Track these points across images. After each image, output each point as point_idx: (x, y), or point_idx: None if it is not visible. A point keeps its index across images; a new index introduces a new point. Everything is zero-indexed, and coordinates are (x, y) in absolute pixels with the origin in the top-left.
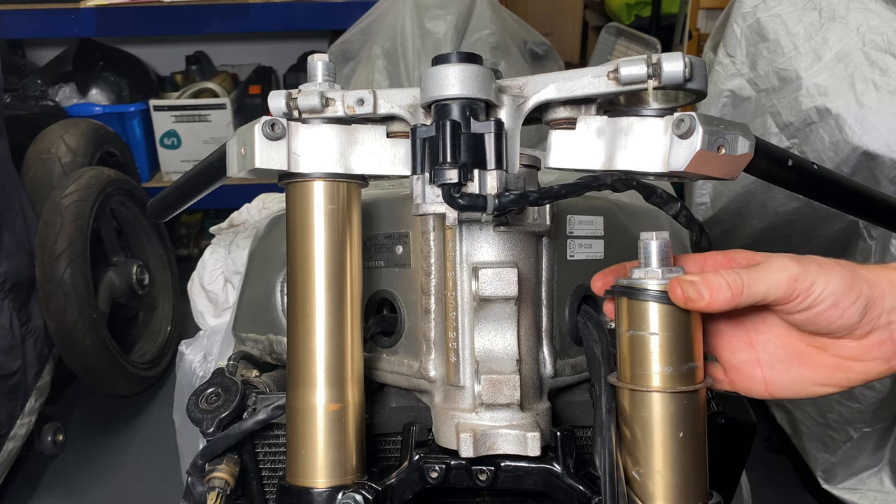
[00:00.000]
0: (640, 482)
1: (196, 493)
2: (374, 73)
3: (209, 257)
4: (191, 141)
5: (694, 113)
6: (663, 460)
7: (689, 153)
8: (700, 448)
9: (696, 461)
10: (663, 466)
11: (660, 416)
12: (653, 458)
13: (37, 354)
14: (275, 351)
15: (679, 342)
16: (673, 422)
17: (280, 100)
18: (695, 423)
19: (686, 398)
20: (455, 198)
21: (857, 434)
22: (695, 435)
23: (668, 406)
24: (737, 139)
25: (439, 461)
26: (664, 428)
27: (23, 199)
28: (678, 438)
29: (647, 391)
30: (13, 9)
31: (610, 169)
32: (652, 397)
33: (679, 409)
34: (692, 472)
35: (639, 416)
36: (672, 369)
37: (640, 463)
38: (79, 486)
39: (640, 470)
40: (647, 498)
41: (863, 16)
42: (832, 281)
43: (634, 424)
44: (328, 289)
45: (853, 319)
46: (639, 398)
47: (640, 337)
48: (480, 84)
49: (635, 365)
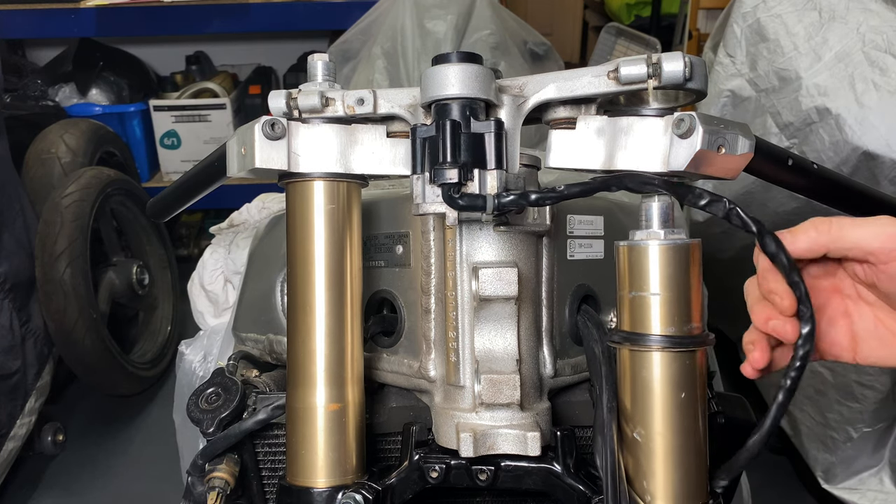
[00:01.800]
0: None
1: (196, 493)
2: (374, 73)
3: (209, 257)
4: (191, 141)
5: (694, 113)
6: (664, 421)
7: (689, 153)
8: (700, 410)
9: (697, 423)
10: (664, 427)
11: (661, 377)
12: (654, 418)
13: (37, 354)
14: (275, 351)
15: (679, 302)
16: (674, 382)
17: (280, 100)
18: (696, 383)
19: (687, 358)
20: (455, 198)
21: (857, 434)
22: (696, 396)
23: (669, 366)
24: (737, 139)
25: (439, 461)
26: (666, 388)
27: (23, 199)
28: (680, 399)
29: (648, 350)
30: (13, 9)
31: (610, 169)
32: (653, 357)
33: (680, 369)
34: (693, 435)
35: (640, 376)
36: (674, 329)
37: (641, 424)
38: (79, 486)
39: (642, 431)
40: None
41: (863, 16)
42: None
43: (635, 386)
44: (328, 289)
45: None
46: (639, 359)
47: (640, 297)
48: (480, 84)
49: (636, 326)
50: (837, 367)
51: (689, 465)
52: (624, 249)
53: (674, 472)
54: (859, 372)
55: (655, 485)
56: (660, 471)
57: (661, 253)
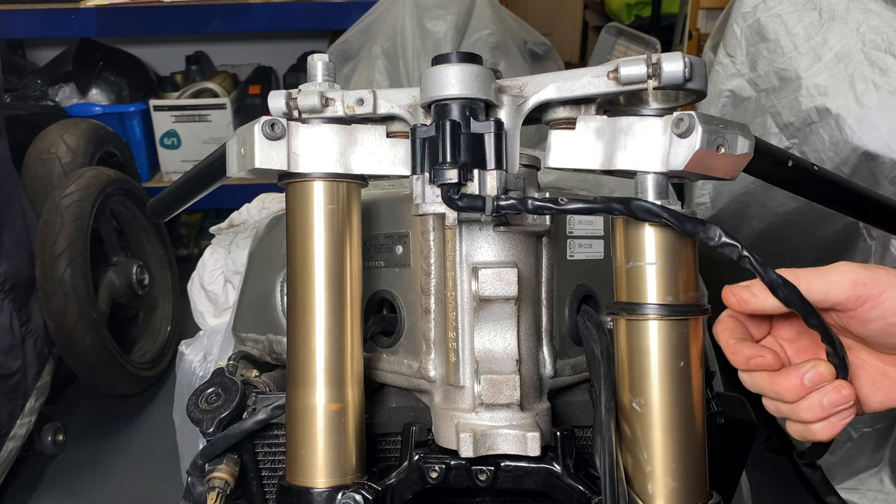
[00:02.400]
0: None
1: (196, 493)
2: (374, 73)
3: (209, 257)
4: (191, 141)
5: (693, 112)
6: (664, 389)
7: (688, 152)
8: (699, 380)
9: (696, 392)
10: (664, 396)
11: (660, 345)
12: (653, 387)
13: (37, 354)
14: (275, 351)
15: (676, 272)
16: (673, 350)
17: (280, 100)
18: (695, 352)
19: (685, 326)
20: (454, 198)
21: (857, 434)
22: (694, 365)
23: (668, 334)
24: (736, 139)
25: (439, 461)
26: (665, 356)
27: (23, 199)
28: (679, 367)
29: (646, 319)
30: (13, 9)
31: (609, 169)
32: (652, 326)
33: (679, 338)
34: (692, 403)
35: (638, 346)
36: (671, 298)
37: (640, 394)
38: (79, 486)
39: (641, 401)
40: (648, 465)
41: (863, 16)
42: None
43: (633, 356)
44: (328, 289)
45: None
46: (637, 328)
47: (637, 268)
48: (480, 84)
49: (633, 296)
50: None
51: (688, 433)
52: (620, 221)
53: (673, 441)
54: None
55: (653, 456)
56: (659, 440)
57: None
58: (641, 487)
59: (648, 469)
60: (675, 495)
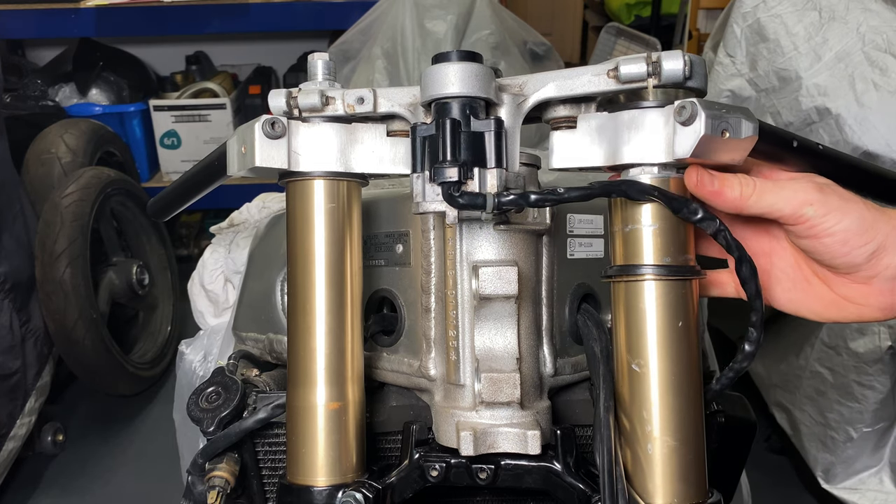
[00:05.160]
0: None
1: (196, 492)
2: (374, 73)
3: (209, 257)
4: (191, 141)
5: (695, 99)
6: (663, 349)
7: (693, 139)
8: (696, 342)
9: (694, 352)
10: (663, 355)
11: (658, 305)
12: (652, 347)
13: (37, 354)
14: (275, 350)
15: (673, 233)
16: (671, 310)
17: (280, 98)
18: (692, 313)
19: (683, 287)
20: (454, 196)
21: (857, 434)
22: (691, 326)
23: (666, 295)
24: (740, 122)
25: (439, 459)
26: (663, 316)
27: (23, 199)
28: (677, 327)
29: (644, 280)
30: (13, 9)
31: (615, 165)
32: (649, 287)
33: (677, 299)
34: (690, 363)
35: (636, 308)
36: (669, 259)
37: (639, 354)
38: (79, 486)
39: (640, 361)
40: (648, 425)
41: (863, 16)
42: (847, 217)
43: (631, 317)
44: (328, 287)
45: (858, 261)
46: (635, 290)
47: (635, 230)
48: (480, 82)
49: (630, 259)
50: (837, 367)
51: (687, 391)
52: (618, 201)
53: (672, 398)
54: (859, 372)
55: (652, 415)
56: (658, 398)
57: (654, 185)
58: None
59: (648, 429)
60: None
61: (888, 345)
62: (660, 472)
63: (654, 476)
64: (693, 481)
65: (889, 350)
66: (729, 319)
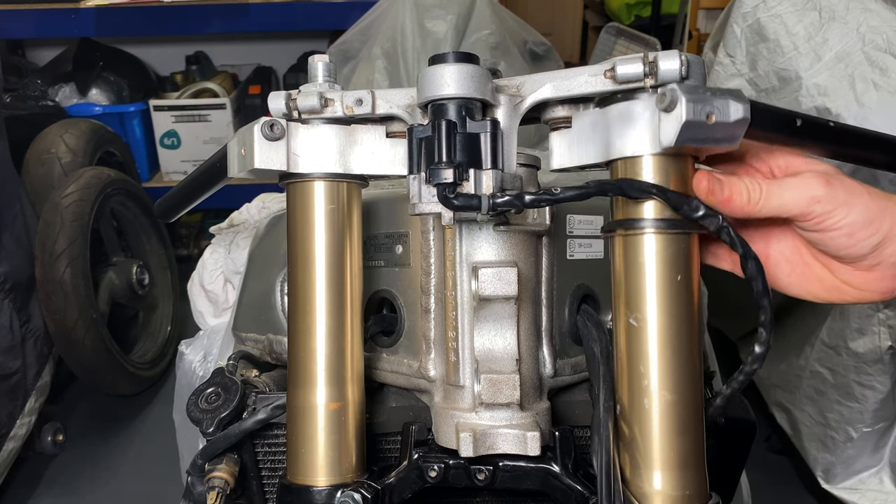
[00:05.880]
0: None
1: (196, 493)
2: (374, 73)
3: (209, 257)
4: (191, 141)
5: (675, 84)
6: (662, 303)
7: (676, 126)
8: (696, 298)
9: (693, 308)
10: (662, 310)
11: (657, 258)
12: (651, 301)
13: (37, 354)
14: (275, 351)
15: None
16: (671, 264)
17: (280, 100)
18: (691, 268)
19: (682, 241)
20: (450, 198)
21: (857, 434)
22: (691, 280)
23: (665, 248)
24: (727, 104)
25: (438, 460)
26: (662, 270)
27: (23, 199)
28: (676, 281)
29: (643, 233)
30: (13, 9)
31: (610, 160)
32: (648, 240)
33: (676, 252)
34: (689, 319)
35: (635, 260)
36: (668, 213)
37: (637, 309)
38: (79, 486)
39: (638, 316)
40: (645, 379)
41: (863, 16)
42: (854, 211)
43: (629, 271)
44: (328, 288)
45: (864, 251)
46: (634, 243)
47: None
48: (476, 84)
49: (630, 213)
50: (838, 367)
51: (684, 346)
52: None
53: (670, 353)
54: (859, 372)
55: (650, 369)
56: (655, 352)
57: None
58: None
59: (645, 383)
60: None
61: (888, 345)
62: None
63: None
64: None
65: (889, 350)
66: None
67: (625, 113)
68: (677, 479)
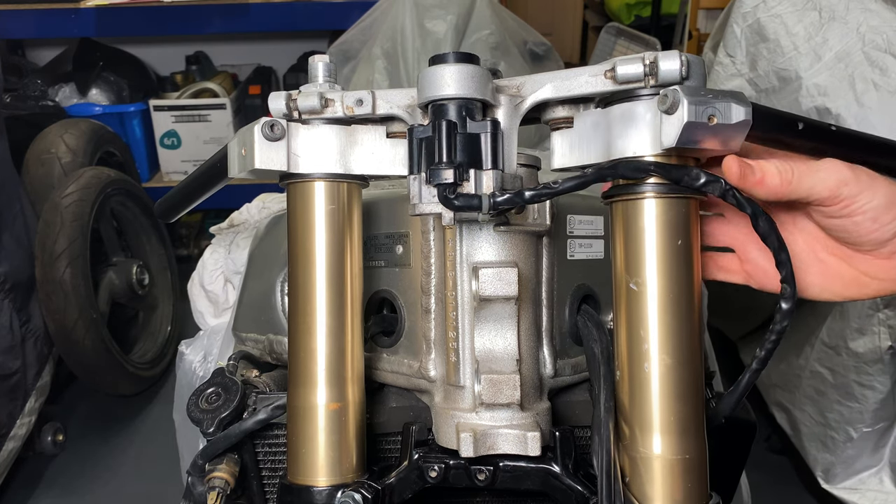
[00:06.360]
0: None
1: (196, 493)
2: (374, 74)
3: (209, 257)
4: (191, 141)
5: (677, 86)
6: (662, 267)
7: (677, 127)
8: (697, 263)
9: (692, 272)
10: (662, 274)
11: (658, 223)
12: (651, 264)
13: (37, 354)
14: (275, 351)
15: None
16: (671, 228)
17: (280, 101)
18: (692, 233)
19: (682, 205)
20: (450, 198)
21: (857, 434)
22: (692, 246)
23: (666, 212)
24: (729, 107)
25: (438, 460)
26: (663, 234)
27: (23, 199)
28: (677, 245)
29: (644, 198)
30: (13, 9)
31: (610, 159)
32: (649, 204)
33: (677, 217)
34: (689, 283)
35: (636, 225)
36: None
37: (637, 273)
38: (79, 486)
39: (638, 280)
40: (645, 343)
41: (863, 16)
42: (878, 194)
43: (629, 236)
44: (329, 288)
45: (886, 236)
46: (635, 208)
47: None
48: (477, 84)
49: (630, 181)
50: (837, 367)
51: (685, 310)
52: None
53: (671, 317)
54: (859, 372)
55: (650, 333)
56: (656, 315)
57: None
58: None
59: (644, 347)
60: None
61: (888, 345)
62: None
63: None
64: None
65: (889, 350)
66: (729, 319)
67: (627, 113)
68: (677, 444)
